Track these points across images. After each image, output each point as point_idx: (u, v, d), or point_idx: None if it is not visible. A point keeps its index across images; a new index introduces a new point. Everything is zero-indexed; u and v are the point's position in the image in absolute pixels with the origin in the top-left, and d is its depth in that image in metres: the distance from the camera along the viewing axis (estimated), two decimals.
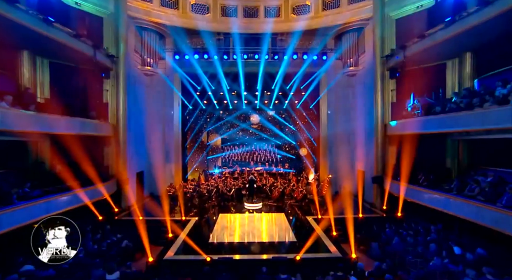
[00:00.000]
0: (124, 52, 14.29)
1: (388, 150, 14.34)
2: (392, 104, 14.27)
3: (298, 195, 16.03)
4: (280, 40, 17.63)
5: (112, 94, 14.20)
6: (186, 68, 17.41)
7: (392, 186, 12.97)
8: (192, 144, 20.93)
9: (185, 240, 10.72)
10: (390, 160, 14.25)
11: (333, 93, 17.70)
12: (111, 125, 13.92)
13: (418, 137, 11.67)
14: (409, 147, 12.13)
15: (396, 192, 12.46)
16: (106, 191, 12.47)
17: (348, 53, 17.02)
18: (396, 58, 13.04)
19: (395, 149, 14.19)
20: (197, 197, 16.26)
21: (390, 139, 14.18)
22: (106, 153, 14.18)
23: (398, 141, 13.73)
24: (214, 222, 13.00)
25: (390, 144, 14.26)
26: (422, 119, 10.74)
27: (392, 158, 14.25)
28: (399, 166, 12.63)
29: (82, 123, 11.15)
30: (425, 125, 10.56)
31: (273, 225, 12.68)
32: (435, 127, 10.13)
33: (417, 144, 11.79)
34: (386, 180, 13.41)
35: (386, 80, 14.28)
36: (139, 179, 16.50)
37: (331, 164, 17.75)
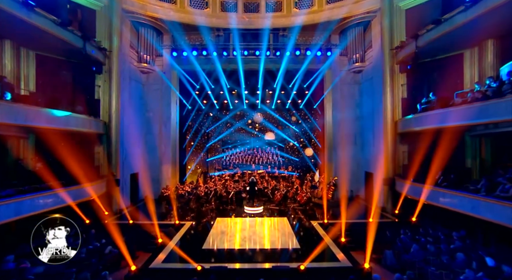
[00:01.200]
0: (118, 47, 13.56)
1: (399, 149, 13.27)
2: (403, 100, 13.25)
3: (302, 199, 14.95)
4: (282, 35, 16.82)
5: (105, 90, 13.41)
6: (184, 66, 16.66)
7: (405, 187, 11.85)
8: (190, 145, 20.01)
9: (176, 246, 9.72)
10: (401, 160, 13.18)
11: (338, 91, 16.74)
12: (102, 123, 13.09)
13: (432, 135, 10.64)
14: (423, 145, 11.09)
15: (410, 194, 11.34)
16: (94, 192, 11.55)
17: (354, 48, 16.12)
18: (406, 51, 12.08)
19: (407, 148, 13.16)
20: (195, 200, 15.30)
21: (402, 137, 13.14)
22: (97, 152, 13.31)
23: (411, 139, 12.72)
24: (211, 226, 11.98)
25: (401, 142, 13.20)
26: (443, 112, 9.66)
27: (404, 158, 13.19)
28: (413, 166, 11.57)
29: (66, 117, 10.30)
30: (446, 119, 9.44)
31: (275, 230, 11.61)
32: (459, 120, 8.98)
33: (431, 142, 10.76)
34: (398, 182, 12.31)
35: (396, 75, 13.31)
36: (134, 180, 15.58)
37: (336, 165, 16.67)
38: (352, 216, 13.66)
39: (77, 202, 10.42)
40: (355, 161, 16.51)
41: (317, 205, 15.04)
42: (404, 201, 12.25)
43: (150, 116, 16.81)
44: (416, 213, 10.79)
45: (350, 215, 13.46)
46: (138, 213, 13.74)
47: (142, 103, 16.59)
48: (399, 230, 10.39)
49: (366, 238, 9.73)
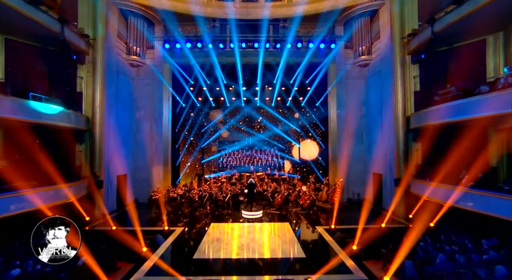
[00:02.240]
0: (104, 36, 12.39)
1: (412, 147, 12.10)
2: (415, 93, 12.12)
3: (305, 202, 13.70)
4: (283, 27, 15.73)
5: (88, 82, 12.21)
6: (177, 59, 15.54)
7: (422, 189, 10.65)
8: (184, 144, 18.74)
9: (162, 256, 8.45)
10: (415, 159, 12.00)
11: (343, 86, 15.60)
12: (84, 118, 11.85)
13: (451, 130, 9.51)
14: (440, 141, 9.95)
15: (429, 196, 10.11)
16: (72, 194, 10.26)
17: (359, 40, 15.06)
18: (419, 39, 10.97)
19: (421, 146, 11.99)
20: (187, 204, 14.01)
21: (415, 134, 11.99)
22: (79, 151, 12.05)
23: (425, 135, 11.55)
24: (205, 233, 10.71)
25: (414, 139, 12.04)
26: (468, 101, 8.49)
27: (417, 157, 12.02)
28: (429, 164, 10.41)
29: (38, 108, 9.04)
30: (474, 109, 8.25)
31: (276, 237, 10.34)
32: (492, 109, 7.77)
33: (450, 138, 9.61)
34: (414, 183, 11.12)
35: (407, 66, 12.22)
36: (122, 182, 14.29)
37: (342, 166, 15.45)
38: (361, 221, 12.48)
39: (49, 205, 9.10)
40: (362, 161, 15.32)
41: (321, 209, 13.79)
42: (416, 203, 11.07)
43: (140, 113, 15.57)
44: (437, 217, 9.54)
45: (359, 219, 12.25)
46: (124, 218, 12.50)
47: (131, 99, 15.37)
48: (416, 236, 9.15)
49: (379, 246, 8.61)
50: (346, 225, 11.17)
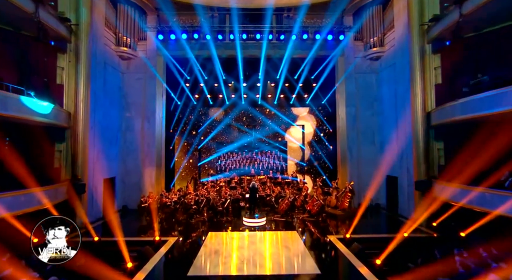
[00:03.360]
0: (89, 21, 11.08)
1: (434, 146, 10.84)
2: (437, 86, 10.90)
3: (313, 208, 12.33)
4: (287, 16, 14.53)
5: (70, 73, 10.87)
6: (172, 52, 14.26)
7: (448, 193, 9.36)
8: (179, 145, 17.32)
9: (151, 274, 7.05)
10: (437, 159, 10.75)
11: (352, 81, 14.36)
12: (65, 113, 10.47)
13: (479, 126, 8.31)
14: (469, 139, 8.69)
15: (461, 202, 8.80)
16: (47, 200, 8.84)
17: (370, 31, 13.88)
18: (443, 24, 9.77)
19: (443, 144, 10.75)
20: (182, 211, 12.59)
21: (436, 132, 10.76)
22: (58, 150, 10.64)
23: (449, 132, 10.35)
24: (202, 243, 9.33)
25: (436, 138, 10.79)
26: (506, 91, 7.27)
27: (439, 156, 10.77)
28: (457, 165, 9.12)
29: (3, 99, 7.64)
30: None
31: (283, 248, 8.95)
32: None
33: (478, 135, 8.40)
34: (439, 185, 9.84)
35: (428, 57, 11.02)
36: (109, 186, 12.85)
37: (352, 169, 14.15)
38: (379, 230, 11.17)
39: (18, 212, 7.69)
40: (374, 163, 14.01)
41: (331, 215, 12.44)
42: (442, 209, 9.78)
43: (131, 110, 14.18)
44: (474, 226, 8.21)
45: (376, 228, 10.93)
46: (110, 227, 11.02)
47: (121, 94, 14.00)
48: (448, 248, 7.82)
49: (404, 259, 7.31)
50: (363, 234, 9.81)
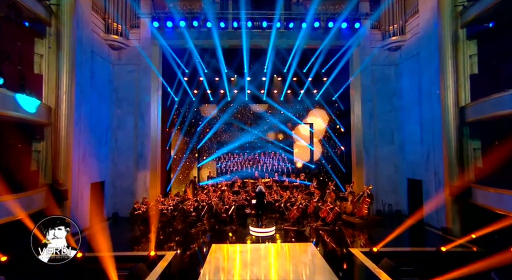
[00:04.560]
0: (72, 3, 9.59)
1: (468, 146, 9.47)
2: (472, 77, 9.54)
3: (328, 216, 10.94)
4: (297, 2, 13.14)
5: (50, 62, 9.36)
6: (168, 41, 12.81)
7: (492, 200, 8.00)
8: (176, 145, 15.85)
9: None
10: (473, 161, 9.38)
11: (369, 74, 13.00)
12: (45, 108, 8.96)
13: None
14: None
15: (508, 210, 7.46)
16: (21, 209, 7.36)
17: (389, 18, 12.54)
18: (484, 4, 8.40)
19: (481, 144, 9.39)
20: (181, 219, 11.16)
21: (472, 129, 9.41)
22: (36, 150, 9.13)
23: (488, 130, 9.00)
24: (204, 258, 7.91)
25: (471, 136, 9.44)
26: None
27: (475, 158, 9.40)
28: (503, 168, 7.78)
29: None
30: None
31: (299, 264, 7.53)
32: None
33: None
34: (481, 191, 8.48)
35: (461, 43, 9.65)
36: (97, 192, 11.37)
37: (368, 171, 12.78)
38: (407, 242, 9.76)
39: None
40: (393, 164, 12.71)
41: (348, 223, 11.04)
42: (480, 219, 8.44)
43: (123, 106, 12.70)
44: None
45: (403, 239, 9.50)
46: (97, 240, 9.53)
47: (111, 88, 12.52)
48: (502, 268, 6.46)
49: None
50: (391, 247, 8.39)
